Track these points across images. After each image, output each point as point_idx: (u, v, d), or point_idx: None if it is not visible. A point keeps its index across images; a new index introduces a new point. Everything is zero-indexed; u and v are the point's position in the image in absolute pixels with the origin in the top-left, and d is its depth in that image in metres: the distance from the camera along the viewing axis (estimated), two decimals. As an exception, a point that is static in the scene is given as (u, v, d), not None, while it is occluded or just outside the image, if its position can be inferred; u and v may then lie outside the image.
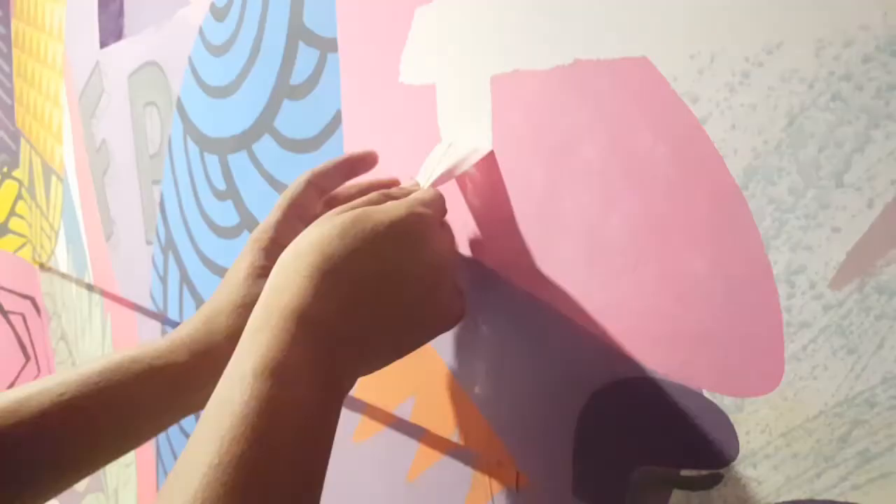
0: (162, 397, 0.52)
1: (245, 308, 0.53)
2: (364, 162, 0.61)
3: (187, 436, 1.24)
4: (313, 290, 0.40)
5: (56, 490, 0.49)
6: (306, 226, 0.47)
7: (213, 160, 0.99)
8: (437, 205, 0.49)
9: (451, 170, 0.54)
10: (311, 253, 0.42)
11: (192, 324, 0.55)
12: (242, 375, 0.37)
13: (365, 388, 0.73)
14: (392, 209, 0.45)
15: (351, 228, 0.43)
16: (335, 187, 0.59)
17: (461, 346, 0.61)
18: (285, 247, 0.46)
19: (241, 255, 0.56)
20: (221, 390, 0.38)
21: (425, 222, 0.46)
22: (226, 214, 0.97)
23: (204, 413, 0.38)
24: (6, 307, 2.16)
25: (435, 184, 0.54)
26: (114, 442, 0.52)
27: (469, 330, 0.60)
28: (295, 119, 0.80)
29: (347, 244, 0.42)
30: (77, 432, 0.49)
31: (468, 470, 0.66)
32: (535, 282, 0.54)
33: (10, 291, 2.16)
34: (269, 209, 0.86)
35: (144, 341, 0.53)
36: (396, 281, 0.44)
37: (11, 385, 2.18)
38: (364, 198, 0.48)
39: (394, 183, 0.61)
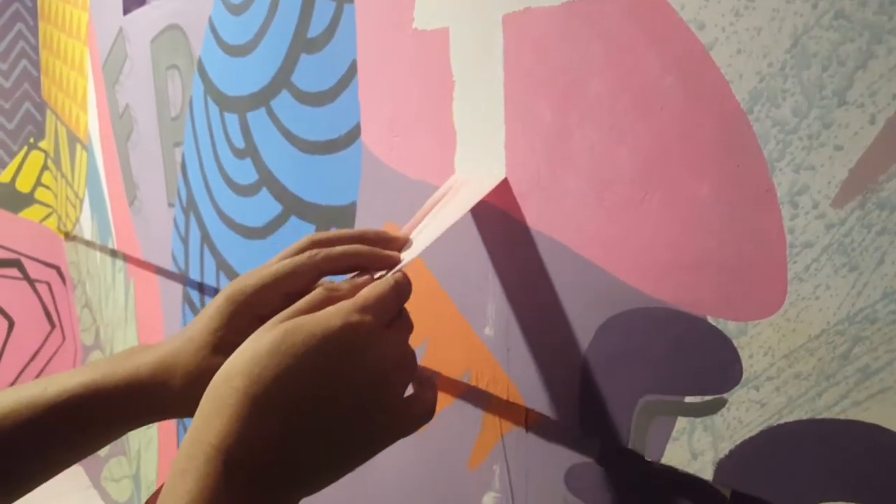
0: (116, 431, 0.53)
1: (194, 380, 0.50)
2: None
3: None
4: (239, 420, 0.39)
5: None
6: (290, 299, 0.46)
7: (232, 119, 1.00)
8: (383, 305, 0.45)
9: (461, 206, 0.55)
10: (240, 375, 0.40)
11: (150, 368, 0.52)
12: None
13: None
14: (326, 320, 0.42)
15: (281, 345, 0.41)
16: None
17: (472, 290, 0.62)
18: (253, 318, 0.45)
19: (210, 308, 0.52)
20: None
21: (362, 331, 0.43)
22: (245, 172, 0.98)
23: None
24: (32, 276, 2.20)
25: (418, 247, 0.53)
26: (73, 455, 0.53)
27: (479, 272, 0.61)
28: (312, 72, 0.81)
29: (278, 363, 0.40)
30: (47, 453, 0.51)
31: (478, 412, 0.67)
32: (544, 220, 0.55)
33: (36, 260, 2.20)
34: (286, 166, 0.87)
35: (105, 372, 0.52)
36: (332, 398, 0.41)
37: (37, 352, 2.23)
38: (305, 300, 0.45)
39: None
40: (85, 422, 0.51)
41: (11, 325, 2.18)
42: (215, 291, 1.19)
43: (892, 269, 0.36)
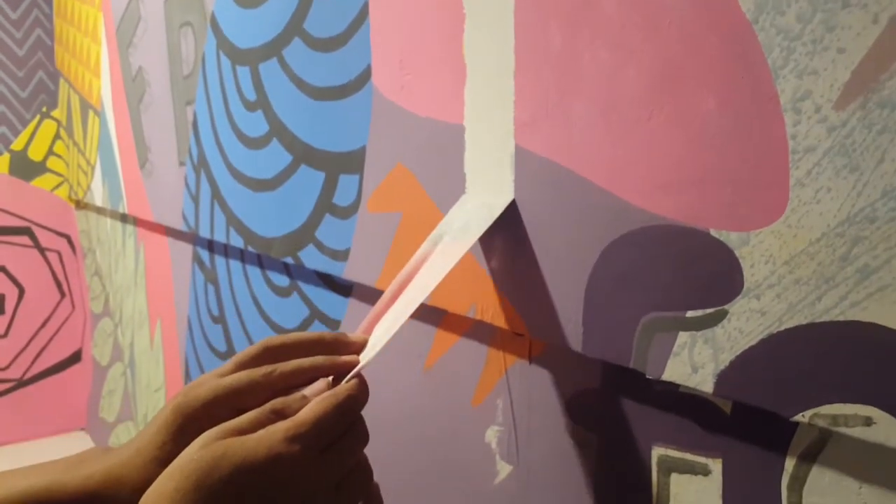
0: None
1: (143, 493, 0.47)
2: (335, 347, 0.55)
3: (217, 353, 1.28)
4: None
5: None
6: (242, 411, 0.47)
7: (244, 72, 1.01)
8: (321, 427, 0.46)
9: (466, 240, 0.57)
10: None
11: (99, 476, 0.52)
12: None
13: (388, 280, 0.75)
14: (254, 448, 0.43)
15: (207, 478, 0.42)
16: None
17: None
18: (201, 431, 0.45)
19: (159, 419, 0.52)
20: None
21: (285, 464, 0.43)
22: (255, 124, 0.99)
23: None
24: (43, 244, 2.22)
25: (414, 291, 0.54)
26: None
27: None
28: (324, 18, 0.81)
29: (201, 498, 0.41)
30: None
31: (483, 348, 0.68)
32: (550, 146, 0.55)
33: (47, 229, 2.22)
34: (297, 115, 0.87)
35: (56, 479, 0.51)
36: None
37: (47, 320, 2.25)
38: (247, 418, 0.46)
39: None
40: None
41: (22, 292, 2.20)
42: (224, 248, 1.20)
43: (892, 166, 0.37)
